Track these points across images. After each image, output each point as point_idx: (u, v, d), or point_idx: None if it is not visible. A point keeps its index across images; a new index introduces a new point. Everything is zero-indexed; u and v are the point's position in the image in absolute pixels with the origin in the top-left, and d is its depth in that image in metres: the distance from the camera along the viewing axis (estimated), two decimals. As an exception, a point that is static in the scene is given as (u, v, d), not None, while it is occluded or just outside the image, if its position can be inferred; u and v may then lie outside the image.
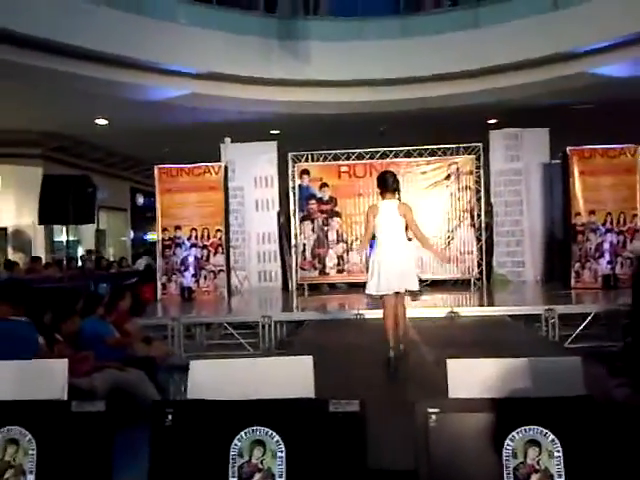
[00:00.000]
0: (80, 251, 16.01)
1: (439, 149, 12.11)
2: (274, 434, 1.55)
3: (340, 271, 11.97)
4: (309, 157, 12.38)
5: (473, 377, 1.54)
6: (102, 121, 12.99)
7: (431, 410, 1.50)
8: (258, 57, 11.22)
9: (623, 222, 10.58)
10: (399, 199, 5.51)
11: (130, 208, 19.47)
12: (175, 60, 10.76)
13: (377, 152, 12.22)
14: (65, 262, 12.12)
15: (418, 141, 12.08)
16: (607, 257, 10.51)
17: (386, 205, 5.39)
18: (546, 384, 1.52)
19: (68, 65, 9.84)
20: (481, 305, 9.71)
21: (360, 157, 12.24)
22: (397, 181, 5.53)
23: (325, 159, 12.37)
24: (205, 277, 11.17)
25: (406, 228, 5.36)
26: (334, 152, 12.22)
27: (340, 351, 6.14)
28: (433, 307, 8.52)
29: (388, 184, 5.43)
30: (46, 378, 1.68)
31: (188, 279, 11.14)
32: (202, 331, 8.73)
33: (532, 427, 1.47)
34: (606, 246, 10.54)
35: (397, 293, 5.38)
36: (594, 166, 10.77)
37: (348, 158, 12.29)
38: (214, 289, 11.18)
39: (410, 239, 5.48)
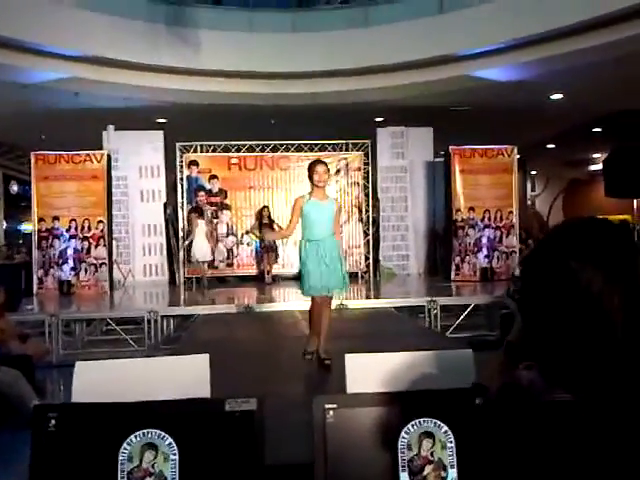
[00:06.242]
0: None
1: (329, 144, 12.28)
2: (166, 436, 1.48)
3: (230, 265, 11.84)
4: (198, 148, 12.14)
5: (370, 372, 1.55)
6: (-29, 102, 12.03)
7: (328, 406, 1.49)
8: (145, 43, 10.80)
9: (500, 218, 11.23)
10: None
11: (3, 196, 18.21)
12: (54, 41, 10.12)
13: (268, 145, 12.19)
14: None
15: (309, 136, 12.16)
16: (485, 251, 11.12)
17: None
18: (440, 376, 1.55)
19: None
20: (368, 297, 9.95)
21: (251, 149, 12.16)
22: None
23: (215, 150, 12.18)
24: (86, 270, 10.67)
25: None
26: (224, 143, 12.05)
27: (229, 345, 6.06)
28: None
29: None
30: None
31: (67, 272, 10.60)
32: (83, 327, 8.33)
33: (426, 419, 1.50)
34: (484, 241, 11.14)
35: None
36: (474, 165, 11.34)
37: (239, 150, 12.17)
38: (95, 283, 10.70)
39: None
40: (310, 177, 4.99)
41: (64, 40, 10.21)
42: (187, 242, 11.36)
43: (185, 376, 1.56)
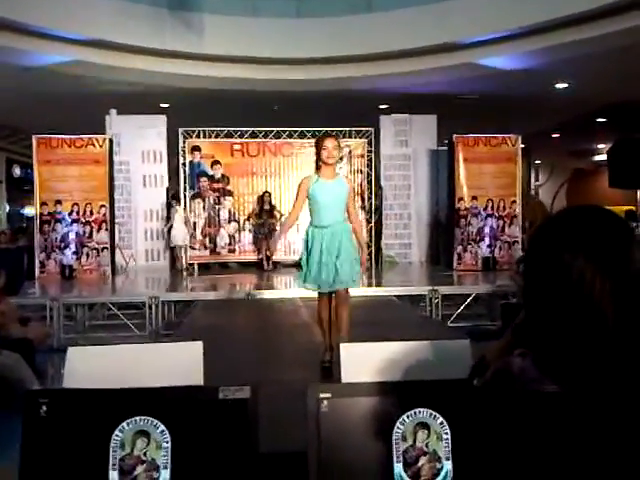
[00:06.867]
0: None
1: (332, 131, 12.19)
2: (159, 424, 1.46)
3: (232, 250, 11.84)
4: (201, 133, 12.09)
5: (365, 361, 1.53)
6: (-28, 85, 11.97)
7: (323, 395, 1.47)
8: (149, 27, 10.74)
9: (503, 208, 11.20)
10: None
11: (5, 180, 18.21)
12: (58, 24, 10.06)
13: (271, 131, 12.14)
14: None
15: (312, 122, 12.10)
16: (487, 241, 11.09)
17: None
18: (437, 367, 1.53)
19: None
20: (370, 286, 9.92)
21: (253, 135, 12.11)
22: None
23: (217, 136, 12.13)
24: (87, 255, 10.68)
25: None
26: (227, 129, 12.01)
27: (228, 332, 6.06)
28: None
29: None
30: None
31: (69, 257, 10.61)
32: (84, 312, 8.34)
33: (422, 410, 1.48)
34: (487, 230, 11.12)
35: None
36: (477, 153, 11.28)
37: (241, 136, 12.12)
38: (97, 267, 10.72)
39: None
40: (318, 153, 4.38)
41: (68, 23, 10.15)
42: (166, 228, 11.70)
43: (178, 363, 1.55)
